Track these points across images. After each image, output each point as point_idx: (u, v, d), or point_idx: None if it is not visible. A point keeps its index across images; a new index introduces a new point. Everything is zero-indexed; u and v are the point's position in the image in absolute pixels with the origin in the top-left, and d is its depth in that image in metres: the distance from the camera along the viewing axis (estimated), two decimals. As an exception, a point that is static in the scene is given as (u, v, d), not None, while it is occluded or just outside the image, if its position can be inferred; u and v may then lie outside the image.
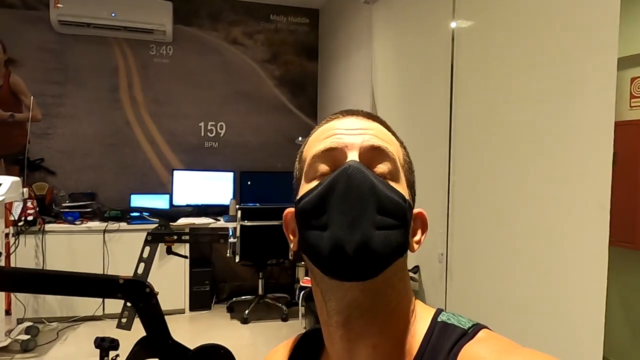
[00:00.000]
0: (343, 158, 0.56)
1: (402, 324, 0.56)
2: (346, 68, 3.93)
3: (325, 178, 0.54)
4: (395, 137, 0.63)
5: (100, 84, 4.25)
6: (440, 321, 0.56)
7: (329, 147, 0.57)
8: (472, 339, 0.52)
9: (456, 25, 2.22)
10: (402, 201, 0.55)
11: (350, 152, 0.56)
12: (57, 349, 3.19)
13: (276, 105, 4.68)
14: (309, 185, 0.57)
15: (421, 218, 0.63)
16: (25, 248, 3.52)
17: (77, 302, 3.63)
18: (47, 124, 4.11)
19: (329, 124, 0.61)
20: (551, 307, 1.57)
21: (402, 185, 0.58)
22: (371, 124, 0.60)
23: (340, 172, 0.53)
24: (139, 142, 4.37)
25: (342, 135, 0.58)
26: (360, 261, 0.50)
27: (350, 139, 0.57)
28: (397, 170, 0.58)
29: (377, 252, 0.51)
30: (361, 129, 0.58)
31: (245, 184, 4.44)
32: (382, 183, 0.54)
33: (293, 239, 0.60)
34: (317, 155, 0.57)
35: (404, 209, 0.55)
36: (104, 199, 4.18)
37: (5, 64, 3.95)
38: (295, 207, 0.58)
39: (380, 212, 0.52)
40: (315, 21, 4.79)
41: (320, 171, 0.57)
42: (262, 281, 4.07)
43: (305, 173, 0.59)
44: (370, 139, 0.57)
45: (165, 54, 4.40)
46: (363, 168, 0.53)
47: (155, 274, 2.79)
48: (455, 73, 2.21)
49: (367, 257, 0.50)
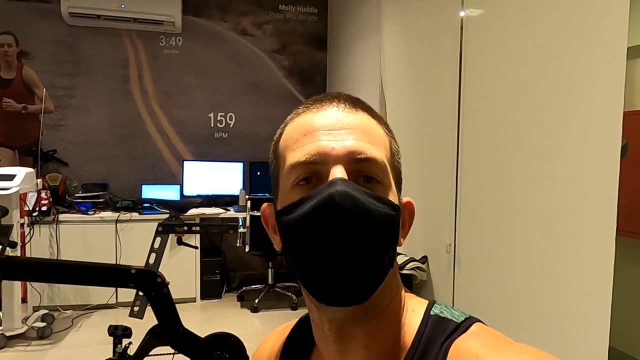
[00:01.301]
0: (326, 171, 0.52)
1: (394, 320, 0.56)
2: (355, 57, 3.91)
3: (309, 196, 0.51)
4: (381, 125, 0.58)
5: (111, 75, 4.28)
6: (434, 314, 0.55)
7: (310, 161, 0.52)
8: (465, 333, 0.52)
9: (465, 14, 2.21)
10: (392, 211, 0.52)
11: (335, 168, 0.51)
12: (72, 336, 3.27)
13: (285, 96, 4.68)
14: (290, 195, 0.53)
15: (408, 208, 0.59)
16: (40, 238, 3.58)
17: (92, 291, 3.70)
18: (60, 116, 4.16)
19: (307, 117, 0.56)
20: (558, 298, 1.57)
21: (389, 187, 0.54)
22: (355, 117, 0.55)
23: (326, 199, 0.48)
24: (150, 133, 4.40)
25: (324, 142, 0.53)
26: (352, 290, 0.49)
27: (334, 147, 0.52)
28: (385, 173, 0.54)
29: (370, 278, 0.50)
30: (345, 129, 0.53)
31: (254, 175, 4.47)
32: (371, 201, 0.50)
33: (276, 238, 0.57)
34: (297, 165, 0.53)
35: (394, 222, 0.53)
36: (116, 189, 4.24)
37: (18, 56, 4.00)
38: (277, 217, 0.55)
39: (370, 236, 0.49)
40: (324, 11, 4.77)
41: (301, 181, 0.53)
42: (271, 270, 4.11)
43: (284, 177, 0.55)
44: (356, 145, 0.52)
45: (175, 45, 4.42)
46: (351, 190, 0.49)
47: (166, 264, 2.84)
48: (464, 62, 2.20)
49: (359, 284, 0.49)
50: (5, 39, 3.92)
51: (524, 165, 1.77)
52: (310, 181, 0.52)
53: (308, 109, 0.57)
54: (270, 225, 0.59)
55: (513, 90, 1.84)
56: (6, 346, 3.01)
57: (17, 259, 2.25)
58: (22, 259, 2.57)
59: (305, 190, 0.52)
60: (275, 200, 0.58)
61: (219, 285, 4.13)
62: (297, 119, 0.57)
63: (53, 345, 3.10)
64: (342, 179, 0.50)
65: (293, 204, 0.52)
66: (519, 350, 0.48)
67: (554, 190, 1.60)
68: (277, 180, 0.57)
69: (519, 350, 0.48)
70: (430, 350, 0.52)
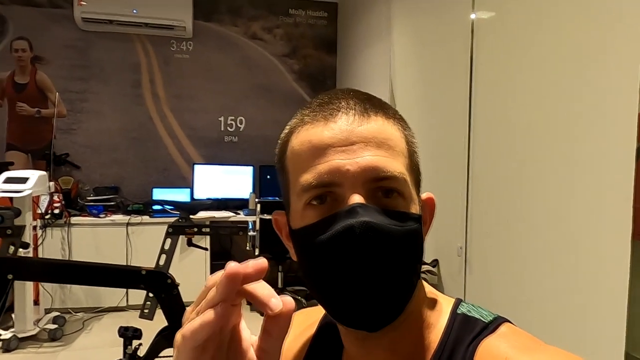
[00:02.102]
0: (341, 193, 0.49)
1: (419, 320, 0.54)
2: (365, 61, 3.91)
3: (326, 220, 0.48)
4: (396, 122, 0.53)
5: (123, 79, 4.32)
6: (460, 313, 0.54)
7: (323, 183, 0.49)
8: (493, 333, 0.50)
9: (476, 16, 2.20)
10: (416, 224, 0.50)
11: (353, 196, 0.48)
12: (83, 338, 3.29)
13: (295, 99, 4.69)
14: (303, 215, 0.51)
15: (429, 205, 0.57)
16: (52, 240, 3.62)
17: (102, 293, 3.72)
18: (72, 120, 4.20)
19: (315, 131, 0.51)
20: (572, 302, 1.55)
21: (410, 198, 0.51)
22: (368, 126, 0.50)
23: (346, 229, 0.46)
24: (161, 137, 4.43)
25: (337, 161, 0.48)
26: (378, 316, 0.48)
27: (348, 168, 0.48)
28: (405, 185, 0.50)
29: (397, 301, 0.49)
30: (358, 143, 0.49)
31: (264, 178, 4.47)
32: (393, 222, 0.48)
33: (291, 246, 0.55)
34: (309, 188, 0.49)
35: (419, 236, 0.51)
36: (127, 192, 4.27)
37: (32, 61, 4.05)
38: (292, 235, 0.54)
39: (396, 261, 0.47)
40: (333, 15, 4.78)
41: (313, 200, 0.50)
42: (281, 274, 4.11)
43: (295, 196, 0.52)
44: (372, 162, 0.48)
45: (186, 49, 4.45)
46: (371, 219, 0.46)
47: (176, 266, 2.85)
48: (475, 65, 2.18)
49: (385, 310, 0.48)
50: (19, 44, 3.97)
51: (536, 168, 1.75)
52: (325, 200, 0.50)
53: (315, 118, 0.52)
54: (285, 234, 0.57)
55: (525, 93, 1.83)
56: (18, 348, 3.03)
57: (29, 259, 2.28)
58: (35, 259, 2.59)
59: (319, 211, 0.49)
60: (287, 212, 0.56)
61: (229, 289, 4.13)
62: (304, 131, 0.52)
63: (64, 347, 3.12)
64: (360, 205, 0.47)
65: (309, 227, 0.50)
66: (549, 353, 0.47)
67: (568, 192, 1.58)
68: (288, 195, 0.54)
69: (549, 353, 0.47)
70: (457, 350, 0.50)
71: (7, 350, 2.97)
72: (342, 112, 0.51)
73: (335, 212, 0.48)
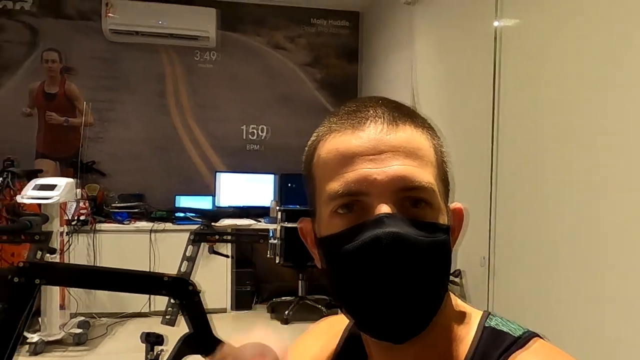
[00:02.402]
0: (369, 202, 0.48)
1: (446, 332, 0.53)
2: (387, 69, 3.91)
3: (353, 229, 0.48)
4: (425, 131, 0.53)
5: (148, 89, 4.41)
6: (489, 326, 0.52)
7: (350, 192, 0.48)
8: (523, 348, 0.48)
9: (500, 24, 2.17)
10: (444, 236, 0.49)
11: (380, 203, 0.47)
12: (107, 343, 3.33)
13: (317, 108, 4.71)
14: (330, 223, 0.50)
15: (457, 215, 0.56)
16: (78, 246, 3.69)
17: (126, 299, 3.77)
18: (99, 128, 4.30)
19: (343, 139, 0.50)
20: (604, 313, 1.50)
21: (439, 209, 0.50)
22: (397, 135, 0.49)
23: (372, 240, 0.45)
24: (184, 145, 4.50)
25: (365, 170, 0.48)
26: (403, 328, 0.48)
27: (376, 177, 0.47)
28: (433, 195, 0.49)
29: (423, 314, 0.48)
30: (386, 152, 0.48)
31: (286, 186, 4.49)
32: (421, 234, 0.47)
33: (317, 254, 0.55)
34: (336, 197, 0.49)
35: (447, 248, 0.50)
36: (151, 200, 4.33)
37: (61, 72, 4.17)
38: (318, 243, 0.53)
39: (423, 273, 0.47)
40: (355, 24, 4.79)
41: (340, 208, 0.50)
42: (302, 282, 4.10)
43: (323, 204, 0.51)
44: (401, 172, 0.48)
45: (210, 59, 4.52)
46: (399, 230, 0.45)
47: (199, 274, 2.86)
48: (500, 72, 2.15)
49: (411, 322, 0.48)
50: (50, 55, 4.10)
51: (563, 176, 1.71)
52: (352, 209, 0.49)
53: (343, 126, 0.51)
54: (310, 242, 0.57)
55: (552, 100, 1.79)
56: (44, 351, 3.09)
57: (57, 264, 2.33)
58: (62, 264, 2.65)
59: (346, 220, 0.49)
60: (313, 219, 0.56)
61: (250, 296, 4.15)
62: (332, 139, 0.52)
63: (89, 352, 3.17)
64: (388, 215, 0.46)
65: (335, 235, 0.49)
66: None
67: (598, 199, 1.54)
68: (314, 202, 0.54)
69: None
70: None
71: (35, 353, 3.03)
72: (370, 120, 0.51)
73: (362, 222, 0.48)
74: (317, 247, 0.54)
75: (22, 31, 4.20)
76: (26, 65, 4.22)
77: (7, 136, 4.12)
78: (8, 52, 4.21)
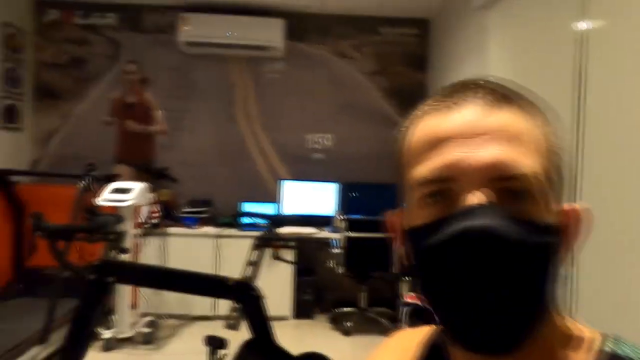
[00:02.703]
0: (458, 190, 0.42)
1: (550, 354, 0.45)
2: (457, 77, 3.75)
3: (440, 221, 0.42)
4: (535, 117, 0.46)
5: (218, 98, 4.56)
6: (610, 350, 0.44)
7: (437, 178, 0.43)
8: None
9: (587, 26, 2.01)
10: (549, 237, 0.42)
11: (472, 195, 0.41)
12: (173, 344, 3.43)
13: (383, 117, 4.64)
14: (417, 212, 0.45)
15: (574, 218, 0.46)
16: (149, 248, 3.85)
17: (192, 301, 3.87)
18: (171, 136, 4.49)
19: (434, 122, 0.46)
20: None
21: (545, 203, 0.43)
22: (497, 117, 0.43)
23: (459, 234, 0.40)
24: (250, 153, 4.59)
25: (455, 154, 0.42)
26: (495, 339, 0.41)
27: (468, 162, 0.42)
28: (539, 187, 0.42)
29: (518, 325, 0.41)
30: (482, 136, 0.42)
31: (349, 196, 4.44)
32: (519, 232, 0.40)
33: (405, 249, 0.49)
34: (422, 183, 0.44)
35: (552, 252, 0.42)
36: (218, 206, 4.45)
37: (139, 82, 4.40)
38: (406, 234, 0.47)
39: (520, 277, 0.40)
40: (423, 31, 4.69)
41: (428, 197, 0.44)
42: (364, 294, 4.02)
43: (409, 190, 0.47)
44: (498, 157, 0.42)
45: (277, 69, 4.60)
46: (492, 224, 0.39)
47: (263, 279, 2.88)
48: (585, 78, 1.99)
49: (504, 333, 0.41)
50: (129, 67, 4.33)
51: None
52: (441, 198, 0.44)
53: (437, 108, 0.46)
54: (397, 235, 0.52)
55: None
56: (116, 348, 3.23)
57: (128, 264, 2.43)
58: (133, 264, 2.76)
59: (434, 210, 0.44)
60: (402, 211, 0.50)
61: (311, 305, 4.12)
62: (424, 121, 0.47)
63: (156, 351, 3.28)
64: (480, 206, 0.40)
65: (420, 228, 0.44)
66: None
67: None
68: (402, 192, 0.49)
69: None
70: None
71: (107, 349, 3.18)
72: (468, 100, 0.45)
73: (450, 214, 0.42)
74: (406, 237, 0.48)
75: (105, 45, 4.51)
76: (108, 77, 4.51)
77: (90, 143, 4.41)
78: (93, 64, 4.53)
